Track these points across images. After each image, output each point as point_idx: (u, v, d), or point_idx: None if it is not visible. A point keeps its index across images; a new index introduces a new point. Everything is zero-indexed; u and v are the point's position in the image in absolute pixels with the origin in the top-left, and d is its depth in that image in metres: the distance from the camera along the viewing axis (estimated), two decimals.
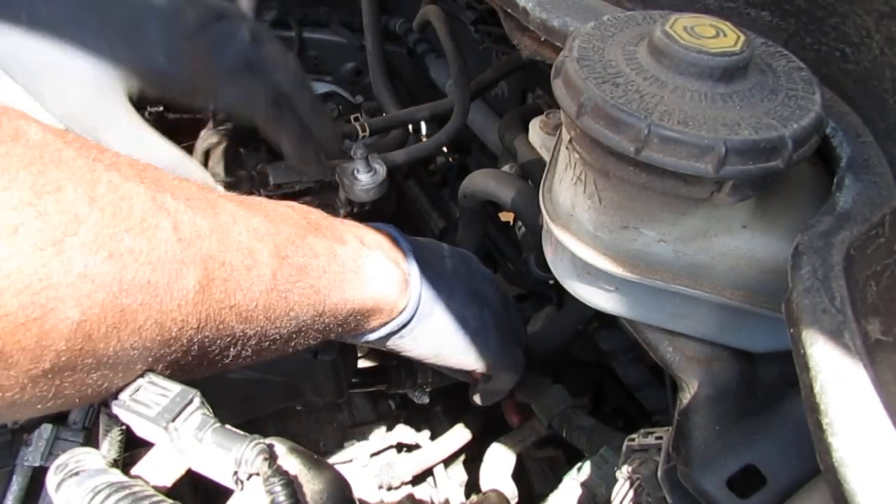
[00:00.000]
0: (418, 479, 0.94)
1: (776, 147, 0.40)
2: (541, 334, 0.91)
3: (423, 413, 1.02)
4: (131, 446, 0.51)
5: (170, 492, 0.46)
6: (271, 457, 0.45)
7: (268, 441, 0.48)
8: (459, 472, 0.97)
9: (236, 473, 0.45)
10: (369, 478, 0.91)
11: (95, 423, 0.72)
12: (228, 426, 0.46)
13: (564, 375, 0.92)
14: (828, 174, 0.49)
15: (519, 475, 0.91)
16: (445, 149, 1.34)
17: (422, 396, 0.95)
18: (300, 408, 0.91)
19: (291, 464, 0.52)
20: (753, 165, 0.40)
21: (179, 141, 0.82)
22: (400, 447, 0.97)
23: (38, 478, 0.69)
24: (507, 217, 1.05)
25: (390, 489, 0.92)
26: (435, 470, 0.95)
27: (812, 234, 0.40)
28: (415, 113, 1.16)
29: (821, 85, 0.45)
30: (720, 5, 0.53)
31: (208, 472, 0.46)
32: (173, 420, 0.44)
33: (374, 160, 0.95)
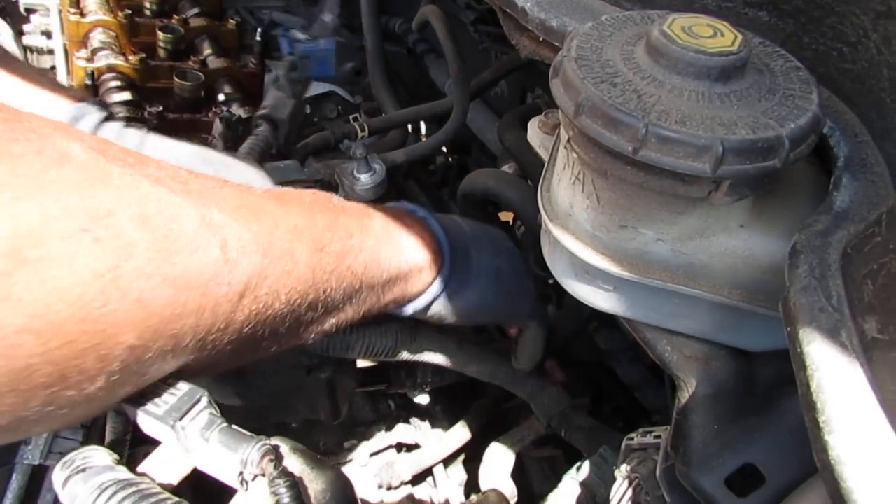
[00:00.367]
0: (418, 479, 0.94)
1: (773, 146, 0.40)
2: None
3: (423, 413, 1.02)
4: (137, 444, 0.52)
5: (175, 490, 0.46)
6: (277, 458, 0.46)
7: (273, 442, 0.49)
8: (459, 472, 0.97)
9: (241, 474, 0.45)
10: (369, 477, 0.91)
11: (94, 422, 0.72)
12: (235, 427, 0.46)
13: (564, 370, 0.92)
14: (825, 173, 0.49)
15: (518, 475, 0.91)
16: (445, 149, 1.34)
17: (422, 396, 0.95)
18: (295, 424, 0.91)
19: (294, 463, 0.52)
20: (751, 165, 0.40)
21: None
22: (400, 447, 0.97)
23: (38, 476, 0.69)
24: (507, 216, 1.04)
25: (390, 489, 0.92)
26: (435, 470, 0.95)
27: (809, 233, 0.40)
28: (414, 113, 1.16)
29: (818, 84, 0.45)
30: (718, 5, 0.54)
31: (214, 472, 0.46)
32: (181, 419, 0.44)
33: (374, 160, 0.95)
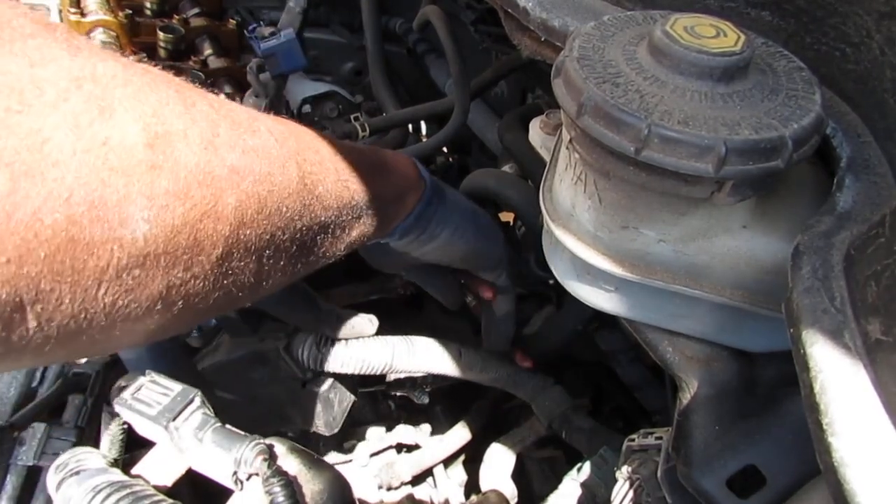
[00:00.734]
0: (418, 480, 0.94)
1: (776, 147, 0.40)
2: (541, 334, 0.90)
3: (423, 413, 1.02)
4: (133, 447, 0.51)
5: (170, 491, 0.46)
6: (271, 457, 0.45)
7: (267, 441, 0.48)
8: (459, 473, 0.97)
9: (236, 473, 0.45)
10: (369, 478, 0.91)
11: (88, 423, 0.72)
12: (229, 426, 0.46)
13: (564, 375, 0.92)
14: (828, 174, 0.49)
15: (519, 475, 0.91)
16: (445, 149, 1.34)
17: (422, 396, 0.95)
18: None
19: (291, 464, 0.52)
20: (754, 165, 0.40)
21: None
22: (399, 447, 0.97)
23: (32, 477, 0.68)
24: (507, 217, 1.04)
25: (390, 489, 0.91)
26: (435, 470, 0.95)
27: (812, 234, 0.40)
28: (414, 113, 1.16)
29: (821, 85, 0.45)
30: (720, 5, 0.53)
31: (208, 472, 0.46)
32: (174, 419, 0.44)
33: None
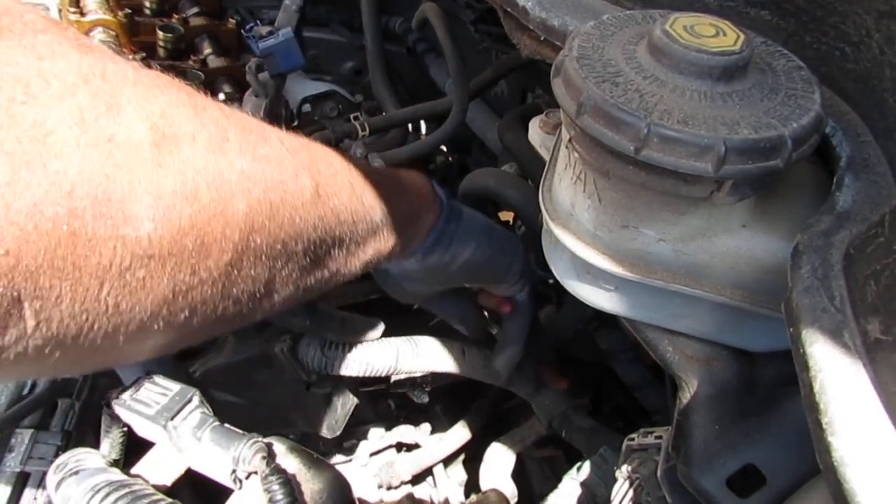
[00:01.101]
0: (418, 479, 0.94)
1: (776, 146, 0.40)
2: (541, 334, 0.90)
3: (423, 412, 1.02)
4: (132, 451, 0.51)
5: (170, 490, 0.46)
6: (269, 455, 0.45)
7: (266, 440, 0.48)
8: (459, 472, 0.97)
9: (234, 472, 0.45)
10: (369, 477, 0.91)
11: (76, 426, 0.71)
12: (227, 425, 0.46)
13: (564, 375, 0.92)
14: (827, 173, 0.49)
15: (519, 475, 0.91)
16: (445, 148, 1.34)
17: (422, 396, 0.95)
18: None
19: (291, 463, 0.52)
20: (753, 165, 0.40)
21: None
22: (399, 447, 0.97)
23: (20, 482, 0.68)
24: (507, 216, 1.04)
25: (390, 489, 0.91)
26: (435, 469, 0.95)
27: (812, 234, 0.40)
28: (414, 112, 1.16)
29: (820, 84, 0.44)
30: (720, 4, 0.53)
31: (207, 471, 0.46)
32: (172, 418, 0.44)
33: (374, 159, 0.95)
